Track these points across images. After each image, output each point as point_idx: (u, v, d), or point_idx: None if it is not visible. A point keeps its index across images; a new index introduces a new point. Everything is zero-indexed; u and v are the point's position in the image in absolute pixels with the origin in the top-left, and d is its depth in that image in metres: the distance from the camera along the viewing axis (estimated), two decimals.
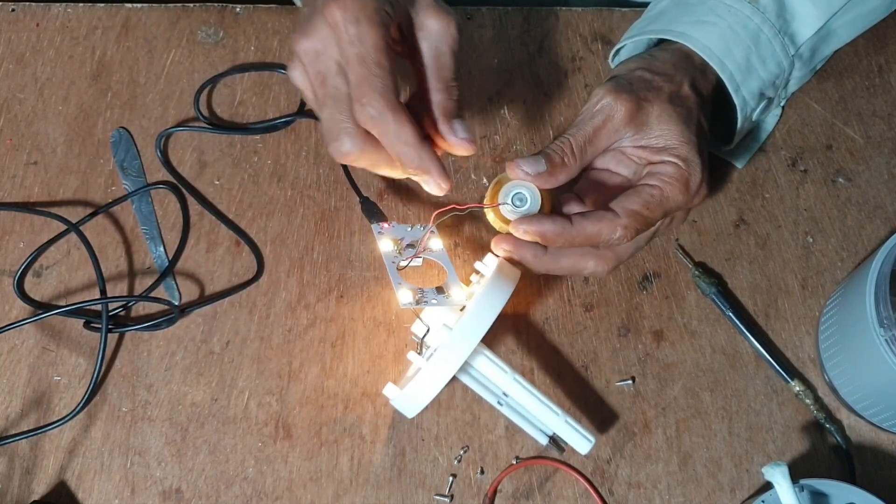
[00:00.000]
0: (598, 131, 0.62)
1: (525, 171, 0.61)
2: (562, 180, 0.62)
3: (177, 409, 0.68)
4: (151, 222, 0.74)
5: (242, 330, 0.70)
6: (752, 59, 0.66)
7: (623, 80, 0.63)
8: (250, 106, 0.78)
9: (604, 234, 0.60)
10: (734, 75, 0.65)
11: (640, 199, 0.61)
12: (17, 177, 0.75)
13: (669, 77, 0.64)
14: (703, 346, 0.70)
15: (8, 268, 0.72)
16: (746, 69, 0.65)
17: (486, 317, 0.59)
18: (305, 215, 0.74)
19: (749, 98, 0.66)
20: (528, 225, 0.60)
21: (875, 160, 0.75)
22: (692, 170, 0.62)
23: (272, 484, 0.66)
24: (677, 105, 0.63)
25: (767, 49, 0.66)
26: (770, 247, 0.73)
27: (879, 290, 0.60)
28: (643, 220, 0.60)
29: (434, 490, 0.66)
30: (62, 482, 0.66)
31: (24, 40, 0.80)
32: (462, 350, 0.58)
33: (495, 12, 0.82)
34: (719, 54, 0.65)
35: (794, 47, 0.67)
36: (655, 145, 0.62)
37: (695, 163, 0.62)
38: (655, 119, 0.62)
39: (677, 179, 0.61)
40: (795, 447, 0.67)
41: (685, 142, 0.62)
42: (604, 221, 0.60)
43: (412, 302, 0.62)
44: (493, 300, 0.59)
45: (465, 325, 0.58)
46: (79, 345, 0.70)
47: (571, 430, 0.61)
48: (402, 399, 0.60)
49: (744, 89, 0.66)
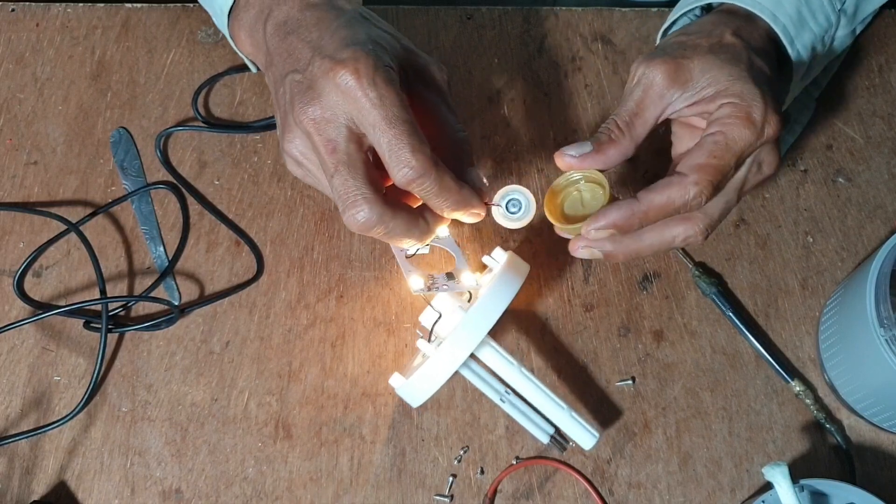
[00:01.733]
0: (642, 102, 0.59)
1: (571, 156, 0.58)
2: (614, 158, 0.59)
3: (177, 409, 0.68)
4: (151, 222, 0.74)
5: (242, 330, 0.70)
6: (804, 11, 0.63)
7: (658, 49, 0.61)
8: (250, 106, 0.78)
9: (677, 199, 0.56)
10: (787, 28, 0.62)
11: (704, 150, 0.57)
12: (17, 177, 0.75)
13: (707, 32, 0.61)
14: (703, 346, 0.70)
15: (8, 268, 0.72)
16: (799, 22, 0.63)
17: (498, 303, 0.58)
18: (305, 215, 0.74)
19: (803, 51, 0.64)
20: (596, 223, 0.57)
21: (875, 160, 0.75)
22: (751, 101, 0.57)
23: (272, 484, 0.66)
24: (720, 52, 0.59)
25: (816, 2, 0.64)
26: (770, 247, 0.73)
27: (879, 290, 0.60)
28: (714, 170, 0.56)
29: (434, 490, 0.66)
30: (62, 482, 0.66)
31: (24, 40, 0.80)
32: (474, 336, 0.58)
33: (495, 12, 0.82)
34: (771, 7, 0.62)
35: (840, 1, 0.65)
36: (707, 95, 0.58)
37: (752, 93, 0.57)
38: (699, 71, 0.59)
39: (737, 117, 0.57)
40: (795, 447, 0.67)
41: (736, 78, 0.58)
42: (672, 187, 0.56)
43: (423, 288, 0.62)
44: (506, 288, 0.59)
45: (477, 310, 0.58)
46: (79, 345, 0.70)
47: (576, 425, 0.60)
48: (408, 387, 0.59)
49: (798, 42, 0.63)
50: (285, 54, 0.57)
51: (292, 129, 0.56)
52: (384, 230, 0.55)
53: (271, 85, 0.59)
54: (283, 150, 0.58)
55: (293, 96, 0.55)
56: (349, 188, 0.54)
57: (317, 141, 0.54)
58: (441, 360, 0.58)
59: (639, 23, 0.81)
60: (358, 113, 0.53)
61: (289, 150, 0.57)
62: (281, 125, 0.58)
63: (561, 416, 0.60)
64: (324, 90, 0.54)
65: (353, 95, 0.53)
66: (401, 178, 0.53)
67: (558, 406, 0.60)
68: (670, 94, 0.59)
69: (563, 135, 0.76)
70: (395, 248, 0.63)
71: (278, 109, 0.58)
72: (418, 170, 0.53)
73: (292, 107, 0.55)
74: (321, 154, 0.54)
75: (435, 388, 0.58)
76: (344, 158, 0.54)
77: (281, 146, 0.58)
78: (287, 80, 0.56)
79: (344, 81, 0.53)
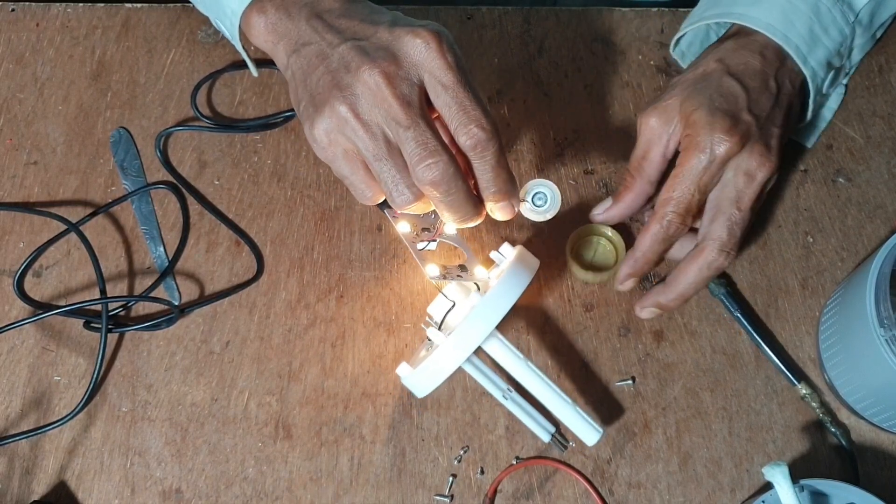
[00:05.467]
0: (646, 146, 0.66)
1: (599, 213, 0.69)
2: (631, 201, 0.67)
3: (177, 409, 0.68)
4: (151, 222, 0.74)
5: (242, 330, 0.70)
6: (815, 29, 0.66)
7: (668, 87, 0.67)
8: (250, 106, 0.78)
9: (657, 233, 0.63)
10: (800, 47, 0.65)
11: (667, 185, 0.63)
12: (17, 177, 0.75)
13: (697, 63, 0.66)
14: (703, 346, 0.70)
15: (8, 268, 0.72)
16: (811, 40, 0.66)
17: (510, 294, 0.59)
18: (305, 215, 0.74)
19: (818, 68, 0.67)
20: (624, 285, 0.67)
21: (875, 160, 0.75)
22: (698, 128, 0.62)
23: (272, 484, 0.66)
24: (696, 84, 0.64)
25: (828, 18, 0.67)
26: (770, 247, 0.73)
27: (879, 290, 0.60)
28: (674, 201, 0.63)
29: (434, 490, 0.66)
30: (62, 482, 0.66)
31: (24, 40, 0.80)
32: (485, 324, 0.58)
33: (495, 12, 0.82)
34: (782, 29, 0.65)
35: (854, 14, 0.68)
36: (682, 129, 0.64)
37: (701, 120, 0.62)
38: (677, 109, 0.64)
39: (687, 147, 0.63)
40: (796, 447, 0.67)
41: (695, 108, 0.63)
42: (649, 224, 0.64)
43: (439, 276, 0.62)
44: (517, 280, 0.59)
45: (489, 300, 0.58)
46: (79, 345, 0.70)
47: (581, 420, 0.60)
48: (416, 377, 0.59)
49: (811, 59, 0.66)
50: (335, 31, 0.57)
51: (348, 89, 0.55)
52: (449, 190, 0.55)
53: (301, 63, 0.58)
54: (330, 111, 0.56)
55: (358, 59, 0.55)
56: (428, 139, 0.54)
57: (389, 95, 0.54)
58: (451, 349, 0.57)
59: (639, 23, 0.81)
60: (435, 73, 0.55)
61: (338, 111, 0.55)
62: (323, 92, 0.56)
63: (566, 411, 0.60)
64: (400, 49, 0.55)
65: (432, 55, 0.54)
66: (470, 137, 0.55)
67: (563, 401, 0.60)
68: (665, 134, 0.65)
69: (563, 135, 0.76)
70: (406, 240, 0.63)
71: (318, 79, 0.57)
72: (489, 131, 0.55)
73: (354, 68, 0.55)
74: (394, 109, 0.54)
75: (443, 378, 0.58)
76: (419, 112, 0.55)
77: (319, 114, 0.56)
78: (345, 48, 0.56)
79: (425, 42, 0.54)
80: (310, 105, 0.57)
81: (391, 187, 0.56)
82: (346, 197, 0.75)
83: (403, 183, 0.56)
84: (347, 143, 0.57)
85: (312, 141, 0.57)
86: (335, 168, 0.59)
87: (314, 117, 0.56)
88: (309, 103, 0.57)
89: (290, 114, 0.77)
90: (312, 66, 0.57)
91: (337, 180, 0.75)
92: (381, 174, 0.56)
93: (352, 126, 0.55)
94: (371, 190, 0.59)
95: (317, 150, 0.58)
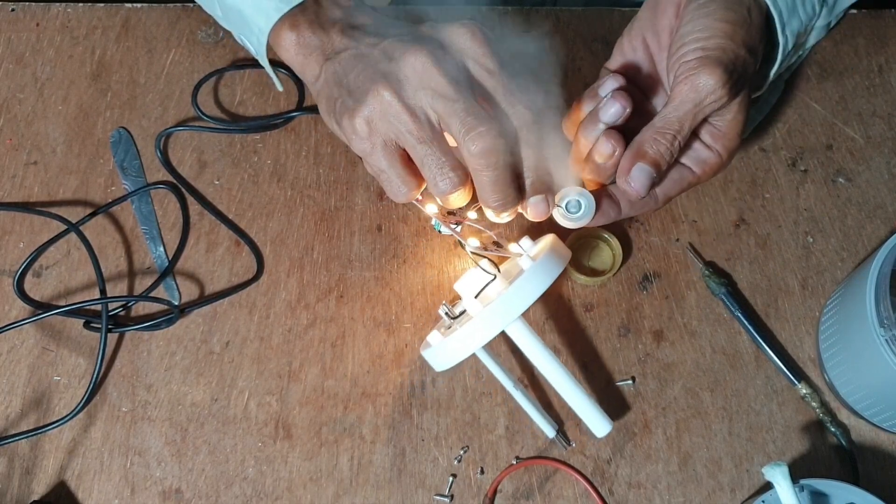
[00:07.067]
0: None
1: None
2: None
3: (177, 409, 0.68)
4: (151, 222, 0.74)
5: (242, 330, 0.70)
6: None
7: None
8: (250, 106, 0.78)
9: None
10: (783, 13, 0.62)
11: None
12: (17, 177, 0.75)
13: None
14: (703, 346, 0.70)
15: (8, 268, 0.72)
16: (792, 8, 0.63)
17: (546, 276, 0.59)
18: (305, 215, 0.74)
19: (790, 38, 0.64)
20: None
21: (875, 160, 0.75)
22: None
23: (272, 484, 0.66)
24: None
25: None
26: (770, 247, 0.73)
27: (879, 290, 0.60)
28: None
29: (434, 490, 0.66)
30: (62, 482, 0.66)
31: (24, 40, 0.80)
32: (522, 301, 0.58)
33: (495, 13, 0.81)
34: None
35: None
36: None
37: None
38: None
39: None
40: (796, 447, 0.67)
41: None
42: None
43: (480, 247, 0.62)
44: (553, 264, 0.60)
45: (528, 278, 0.58)
46: (79, 345, 0.70)
47: (595, 410, 0.60)
48: (447, 345, 0.59)
49: (787, 29, 0.63)
50: (373, 35, 0.59)
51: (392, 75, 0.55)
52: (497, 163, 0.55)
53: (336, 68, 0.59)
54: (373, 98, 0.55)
55: (402, 47, 0.56)
56: (478, 110, 0.55)
57: (436, 73, 0.55)
58: (488, 319, 0.57)
59: None
60: (480, 59, 0.56)
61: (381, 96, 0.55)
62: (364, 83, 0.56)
63: (581, 400, 0.60)
64: (445, 38, 0.57)
65: (477, 43, 0.56)
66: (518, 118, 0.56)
67: (579, 389, 0.60)
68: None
69: None
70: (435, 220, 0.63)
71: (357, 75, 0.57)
72: (535, 112, 0.56)
73: (398, 55, 0.56)
74: (441, 85, 0.55)
75: (473, 349, 0.58)
76: (468, 87, 0.55)
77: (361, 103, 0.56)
78: (387, 43, 0.57)
79: (470, 31, 0.57)
80: (349, 98, 0.57)
81: (435, 171, 0.56)
82: (346, 197, 0.75)
83: (448, 165, 0.55)
84: (389, 132, 0.56)
85: (353, 133, 0.57)
86: (372, 161, 0.58)
87: (354, 108, 0.56)
88: (347, 97, 0.57)
89: (290, 115, 0.77)
90: (349, 66, 0.58)
91: (337, 180, 0.75)
92: (426, 158, 0.56)
93: (395, 110, 0.55)
94: (407, 185, 0.58)
95: (355, 141, 0.57)
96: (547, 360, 0.60)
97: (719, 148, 0.59)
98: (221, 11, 0.67)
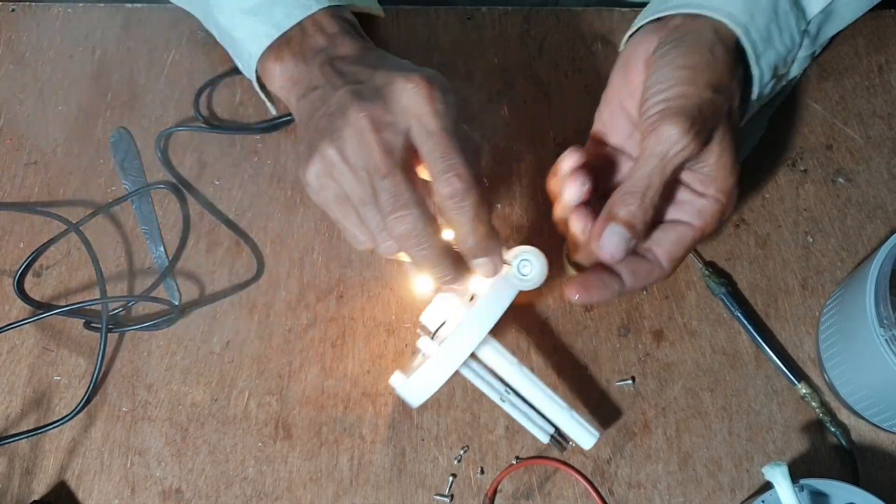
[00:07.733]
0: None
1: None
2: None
3: (177, 409, 0.68)
4: (151, 222, 0.74)
5: (242, 330, 0.70)
6: (772, 28, 0.62)
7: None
8: (250, 106, 0.78)
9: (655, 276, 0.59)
10: (756, 44, 0.61)
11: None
12: (17, 177, 0.76)
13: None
14: (703, 346, 0.70)
15: (8, 268, 0.72)
16: (767, 39, 0.62)
17: (500, 302, 0.58)
18: (305, 215, 0.74)
19: (766, 70, 0.63)
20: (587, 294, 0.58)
21: (875, 160, 0.75)
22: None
23: (272, 484, 0.66)
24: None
25: (784, 20, 0.62)
26: (770, 247, 0.73)
27: (879, 290, 0.60)
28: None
29: (434, 490, 0.66)
30: (62, 482, 0.66)
31: (24, 40, 0.81)
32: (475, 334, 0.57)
33: (495, 12, 0.82)
34: (744, 21, 0.60)
35: (805, 22, 0.64)
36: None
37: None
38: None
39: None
40: (796, 447, 0.67)
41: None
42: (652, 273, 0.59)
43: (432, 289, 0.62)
44: (507, 287, 0.59)
45: (479, 309, 0.58)
46: (79, 345, 0.70)
47: (576, 424, 0.60)
48: (409, 386, 0.59)
49: (762, 60, 0.62)
50: (340, 75, 0.58)
51: (337, 132, 0.55)
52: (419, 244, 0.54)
53: (307, 107, 0.59)
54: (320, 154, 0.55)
55: (350, 102, 0.55)
56: (401, 190, 0.53)
57: (372, 140, 0.54)
58: (442, 359, 0.58)
59: None
60: (422, 119, 0.54)
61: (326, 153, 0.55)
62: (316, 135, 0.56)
63: (560, 416, 0.61)
64: (392, 95, 0.54)
65: (422, 102, 0.54)
66: (447, 185, 0.53)
67: (558, 406, 0.60)
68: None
69: (563, 135, 0.76)
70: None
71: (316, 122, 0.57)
72: (467, 181, 0.53)
73: (345, 111, 0.55)
74: (374, 155, 0.54)
75: (435, 388, 0.58)
76: (399, 162, 0.54)
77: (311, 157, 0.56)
78: (342, 91, 0.56)
79: (416, 87, 0.54)
80: (306, 149, 0.57)
81: (376, 234, 0.56)
82: None
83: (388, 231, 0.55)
84: (337, 188, 0.56)
85: (305, 185, 0.57)
86: (329, 214, 0.58)
87: (307, 161, 0.56)
88: (306, 147, 0.57)
89: (290, 116, 0.77)
90: (315, 108, 0.58)
91: None
92: (367, 220, 0.56)
93: (339, 169, 0.55)
94: (363, 235, 0.58)
95: (310, 193, 0.58)
96: (521, 379, 0.60)
97: (713, 192, 0.58)
98: (217, 32, 0.68)
